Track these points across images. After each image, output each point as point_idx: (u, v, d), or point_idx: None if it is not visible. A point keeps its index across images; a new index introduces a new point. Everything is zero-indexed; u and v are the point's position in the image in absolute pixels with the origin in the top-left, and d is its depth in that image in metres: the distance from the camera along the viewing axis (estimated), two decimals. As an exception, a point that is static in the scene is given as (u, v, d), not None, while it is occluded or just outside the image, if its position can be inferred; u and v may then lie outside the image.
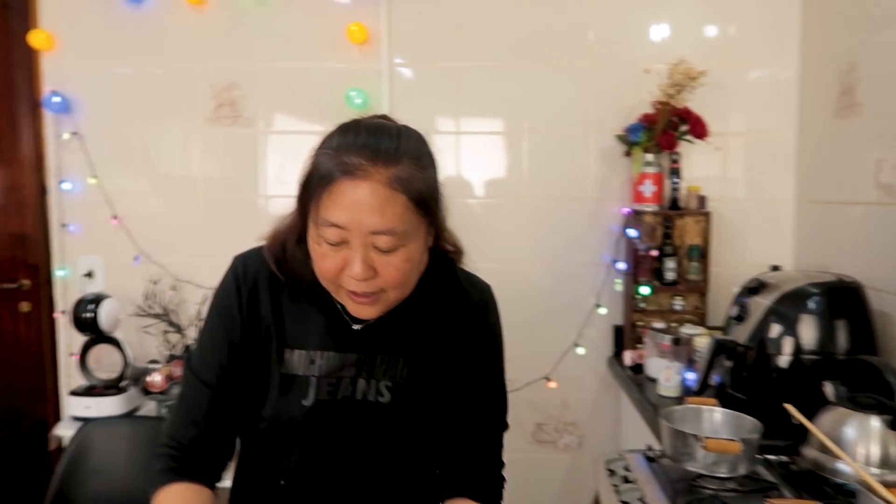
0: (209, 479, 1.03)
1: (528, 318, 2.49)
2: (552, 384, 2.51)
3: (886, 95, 1.86)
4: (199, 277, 2.56)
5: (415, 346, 1.05)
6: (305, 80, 2.50)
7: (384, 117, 1.01)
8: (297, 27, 2.48)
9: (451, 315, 1.07)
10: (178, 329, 2.51)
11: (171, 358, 2.43)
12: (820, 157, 2.26)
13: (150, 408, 2.39)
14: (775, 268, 2.15)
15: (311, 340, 1.02)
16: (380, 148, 0.90)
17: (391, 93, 2.48)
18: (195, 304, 2.54)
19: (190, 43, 2.51)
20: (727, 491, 1.37)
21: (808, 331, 1.70)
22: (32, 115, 2.54)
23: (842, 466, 1.37)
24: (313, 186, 0.91)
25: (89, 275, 2.59)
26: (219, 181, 2.58)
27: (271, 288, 1.03)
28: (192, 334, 2.51)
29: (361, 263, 0.90)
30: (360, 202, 0.87)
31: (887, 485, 1.15)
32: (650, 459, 1.57)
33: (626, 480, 1.48)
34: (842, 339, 1.69)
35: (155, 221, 2.58)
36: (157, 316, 2.51)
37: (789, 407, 1.35)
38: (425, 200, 0.93)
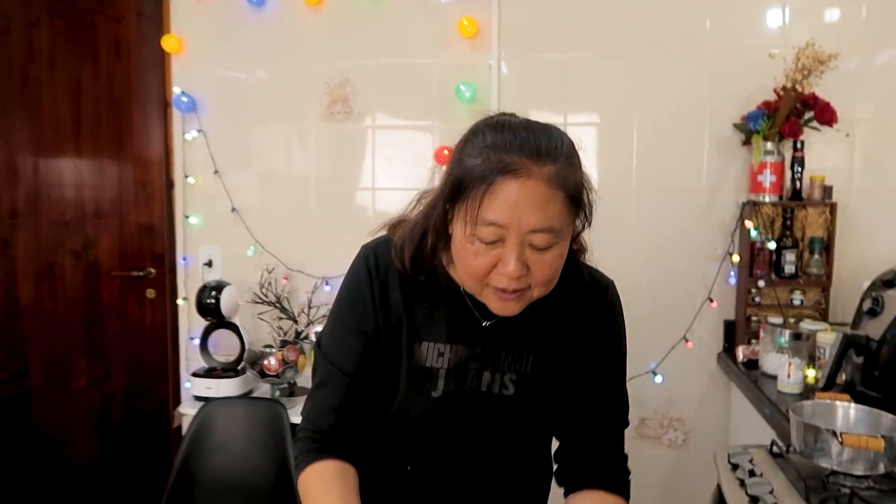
0: (350, 459, 1.04)
1: (635, 311, 2.40)
2: (658, 378, 2.45)
3: None
4: (309, 267, 2.67)
5: (541, 342, 1.06)
6: (416, 75, 2.56)
7: (513, 115, 0.99)
8: (409, 24, 2.54)
9: (577, 311, 1.07)
10: (290, 316, 2.63)
11: (284, 343, 2.53)
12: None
13: (264, 390, 2.51)
14: (907, 262, 2.02)
15: (439, 333, 1.03)
16: (539, 146, 0.89)
17: (500, 86, 2.50)
18: (306, 292, 2.65)
19: (306, 42, 2.61)
20: (865, 489, 1.30)
21: (953, 326, 1.59)
22: (162, 115, 2.73)
23: None
24: (469, 185, 0.89)
25: (209, 264, 2.75)
26: (330, 175, 2.67)
27: (401, 280, 1.04)
28: (303, 321, 2.61)
29: (517, 261, 0.89)
30: (522, 200, 0.87)
31: None
32: (776, 455, 1.52)
33: (752, 474, 1.43)
34: None
35: (269, 214, 2.71)
36: (270, 303, 2.63)
37: (940, 402, 1.26)
38: (579, 198, 0.93)
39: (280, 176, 2.71)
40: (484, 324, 1.04)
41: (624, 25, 2.43)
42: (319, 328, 2.50)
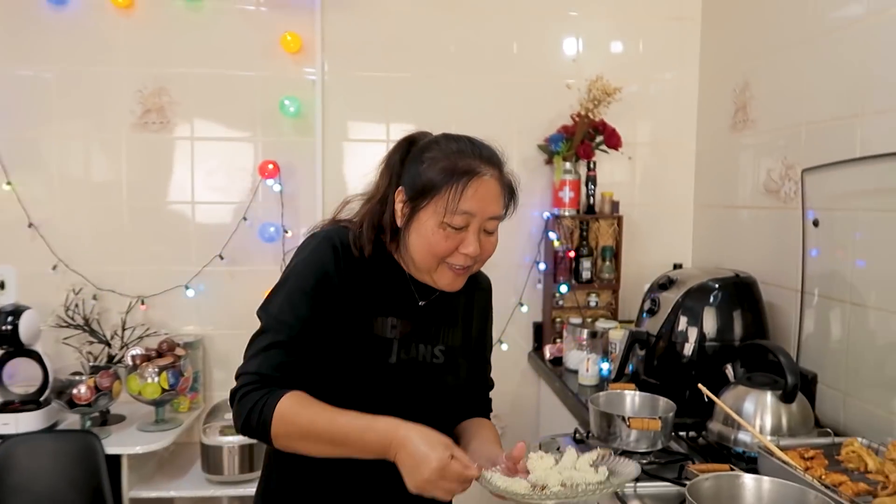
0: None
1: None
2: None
3: (774, 113, 2.12)
4: (122, 286, 2.52)
5: (457, 318, 1.31)
6: (238, 87, 2.52)
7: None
8: (230, 34, 2.50)
9: (473, 295, 1.36)
10: (102, 339, 2.46)
11: (96, 369, 2.36)
12: (715, 165, 2.52)
13: (72, 420, 2.33)
14: (677, 266, 2.38)
15: (391, 309, 1.22)
16: (492, 155, 1.19)
17: (324, 101, 2.54)
18: (119, 313, 2.50)
19: (116, 46, 2.47)
20: (649, 464, 1.54)
21: (711, 321, 1.92)
22: (-62, 119, 2.41)
23: (742, 437, 1.57)
24: (443, 184, 1.13)
25: (1, 285, 2.49)
26: (144, 188, 2.54)
27: (359, 263, 1.20)
28: (116, 344, 2.46)
29: (476, 242, 1.16)
30: (487, 195, 1.15)
31: (783, 449, 1.35)
32: (579, 441, 1.73)
33: (560, 461, 1.62)
34: (739, 327, 1.92)
35: (75, 229, 2.51)
36: (78, 327, 2.44)
37: (702, 387, 1.53)
38: (513, 196, 1.23)
39: (86, 188, 2.52)
40: (420, 303, 1.26)
41: (441, 46, 2.59)
42: (136, 351, 2.37)
